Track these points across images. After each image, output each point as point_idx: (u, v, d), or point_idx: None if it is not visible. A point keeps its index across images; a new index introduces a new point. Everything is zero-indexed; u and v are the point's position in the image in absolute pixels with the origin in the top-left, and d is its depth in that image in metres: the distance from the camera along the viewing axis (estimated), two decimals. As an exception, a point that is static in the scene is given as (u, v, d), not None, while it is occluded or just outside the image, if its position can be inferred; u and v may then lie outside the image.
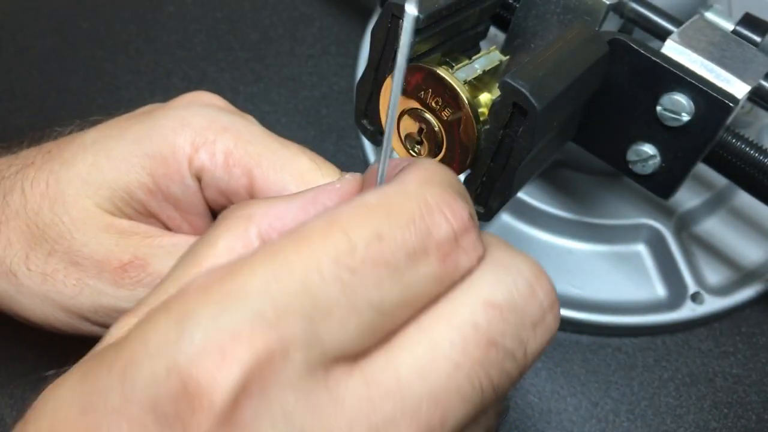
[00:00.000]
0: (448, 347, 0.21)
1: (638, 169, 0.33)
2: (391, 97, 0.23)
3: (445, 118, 0.31)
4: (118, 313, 0.30)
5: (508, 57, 0.33)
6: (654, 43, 0.32)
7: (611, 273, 0.48)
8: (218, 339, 0.19)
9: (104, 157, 0.34)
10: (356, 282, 0.20)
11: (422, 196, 0.22)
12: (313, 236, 0.21)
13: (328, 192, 0.26)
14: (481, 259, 0.23)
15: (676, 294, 0.47)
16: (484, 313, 0.22)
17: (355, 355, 0.21)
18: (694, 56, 0.31)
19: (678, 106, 0.31)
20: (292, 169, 0.33)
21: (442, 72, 0.30)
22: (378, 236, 0.21)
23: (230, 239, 0.24)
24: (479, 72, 0.31)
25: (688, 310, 0.46)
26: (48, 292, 0.33)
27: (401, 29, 0.30)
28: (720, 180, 0.50)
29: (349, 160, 0.53)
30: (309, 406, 0.19)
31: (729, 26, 0.37)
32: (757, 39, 0.36)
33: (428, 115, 0.31)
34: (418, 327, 0.22)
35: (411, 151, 0.33)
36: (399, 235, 0.21)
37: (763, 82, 0.32)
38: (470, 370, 0.21)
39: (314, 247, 0.21)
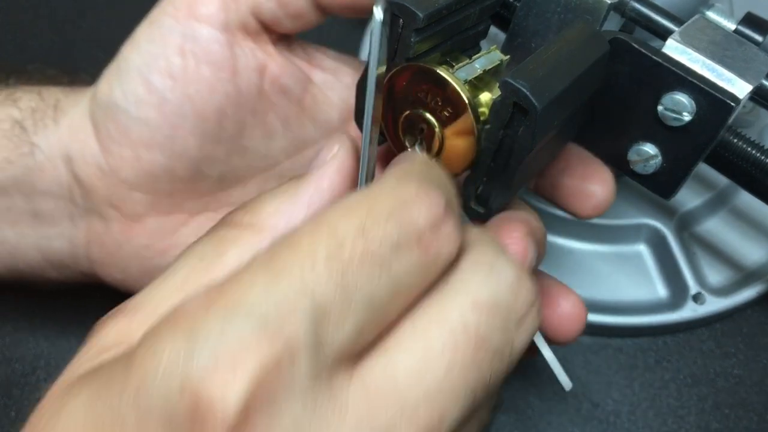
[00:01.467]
0: (440, 349, 0.22)
1: (639, 169, 0.33)
2: (365, 104, 0.24)
3: (445, 117, 0.31)
4: None
5: (508, 56, 0.33)
6: (655, 43, 0.32)
7: (612, 273, 0.48)
8: (226, 353, 0.19)
9: None
10: (348, 278, 0.21)
11: (399, 190, 0.23)
12: (303, 238, 0.22)
13: (326, 176, 0.27)
14: (462, 249, 0.24)
15: (678, 294, 0.47)
16: (473, 314, 0.22)
17: (353, 356, 0.21)
18: (696, 56, 0.31)
19: (679, 106, 0.31)
20: None
21: (442, 72, 0.30)
22: (362, 231, 0.22)
23: (241, 251, 0.25)
24: (479, 71, 0.31)
25: (689, 311, 0.46)
26: None
27: (401, 29, 0.30)
28: (721, 180, 0.50)
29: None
30: (316, 415, 0.19)
31: (731, 25, 0.37)
32: (759, 38, 0.36)
33: (428, 115, 0.31)
34: (411, 328, 0.22)
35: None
36: (381, 228, 0.22)
37: (765, 82, 0.32)
38: (462, 370, 0.22)
39: (305, 248, 0.21)
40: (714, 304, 0.47)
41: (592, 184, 0.33)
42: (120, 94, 0.34)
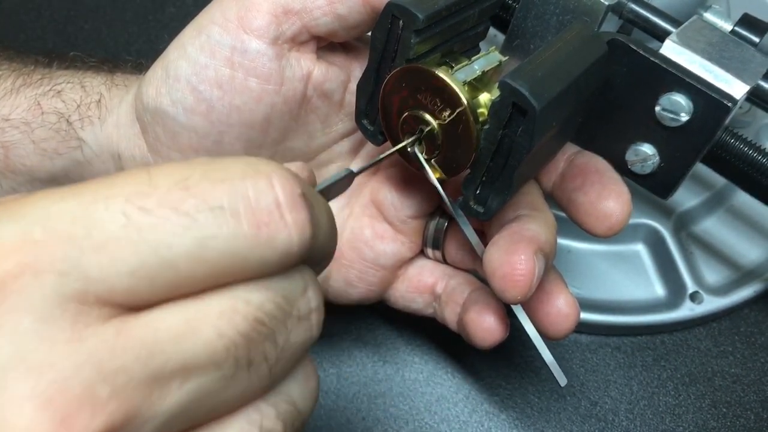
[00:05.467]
0: (216, 316, 0.20)
1: (637, 168, 0.34)
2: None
3: (445, 118, 0.31)
4: None
5: (507, 57, 0.33)
6: (653, 44, 0.32)
7: (610, 272, 0.49)
8: None
9: None
10: (143, 221, 0.19)
11: (254, 162, 0.21)
12: (119, 177, 0.20)
13: None
14: (305, 239, 0.21)
15: (675, 293, 0.48)
16: (260, 294, 0.21)
17: (124, 305, 0.19)
18: (693, 56, 0.32)
19: (677, 107, 0.31)
20: None
21: (441, 73, 0.30)
22: (183, 183, 0.20)
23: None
24: (478, 73, 0.32)
25: (686, 310, 0.47)
26: None
27: (401, 30, 0.31)
28: (719, 180, 0.50)
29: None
30: (43, 334, 0.18)
31: (727, 27, 0.37)
32: (756, 39, 0.36)
33: (428, 116, 0.31)
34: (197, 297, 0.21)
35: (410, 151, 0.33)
36: (207, 187, 0.20)
37: (762, 83, 0.32)
38: (231, 340, 0.20)
39: (113, 185, 0.20)
40: (711, 303, 0.47)
41: (608, 201, 0.33)
42: (168, 101, 0.34)
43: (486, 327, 0.36)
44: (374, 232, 0.39)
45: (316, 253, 0.23)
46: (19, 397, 0.18)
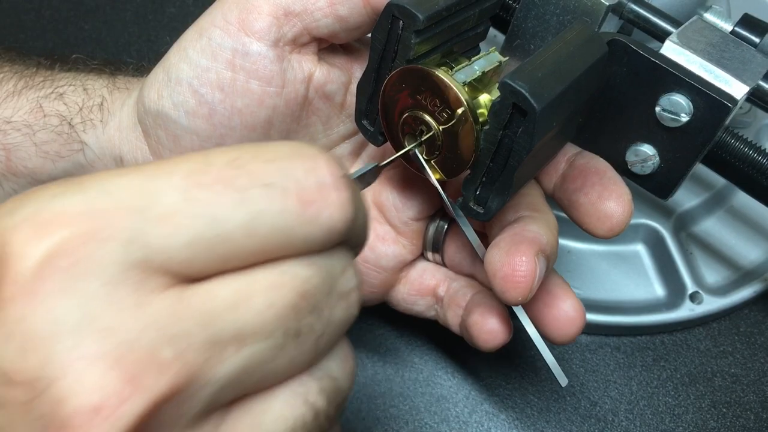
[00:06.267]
0: (266, 288, 0.21)
1: (637, 169, 0.34)
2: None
3: (445, 119, 0.31)
4: None
5: (507, 58, 0.33)
6: (653, 44, 0.32)
7: (610, 273, 0.49)
8: (42, 214, 0.19)
9: None
10: (200, 195, 0.20)
11: (300, 146, 0.22)
12: (178, 158, 0.21)
13: None
14: (348, 219, 0.22)
15: (675, 294, 0.48)
16: (306, 269, 0.22)
17: (182, 275, 0.20)
18: (693, 57, 0.32)
19: (677, 107, 0.31)
20: None
21: (441, 74, 0.30)
22: (236, 162, 0.21)
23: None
24: (478, 73, 0.32)
25: (686, 310, 0.47)
26: None
27: (401, 30, 0.31)
28: (718, 180, 0.50)
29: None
30: (110, 298, 0.19)
31: (728, 27, 0.37)
32: (756, 40, 0.36)
33: (427, 117, 0.31)
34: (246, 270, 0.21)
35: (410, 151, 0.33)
36: (259, 166, 0.21)
37: (762, 83, 0.32)
38: (281, 310, 0.21)
39: (173, 163, 0.21)
40: (711, 304, 0.47)
41: (609, 201, 0.33)
42: (170, 104, 0.34)
43: (489, 329, 0.36)
44: (376, 234, 0.39)
45: (354, 235, 0.24)
46: (90, 356, 0.18)
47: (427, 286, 0.40)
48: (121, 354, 0.19)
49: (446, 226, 0.39)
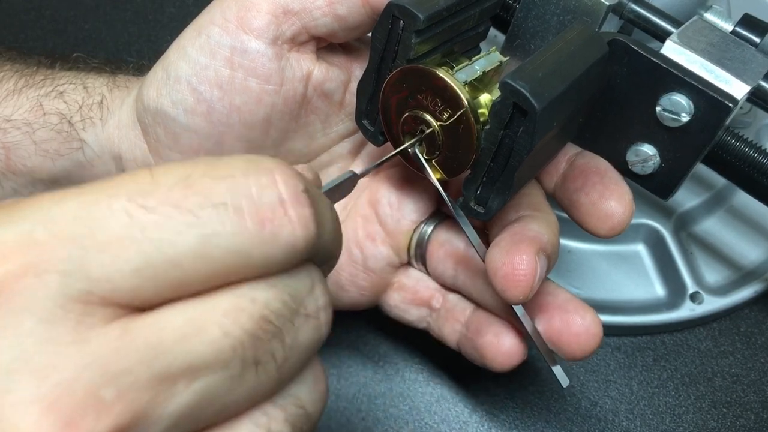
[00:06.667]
0: (221, 315, 0.20)
1: (638, 169, 0.34)
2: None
3: (446, 119, 0.31)
4: None
5: (507, 58, 0.33)
6: (653, 44, 0.32)
7: (610, 272, 0.49)
8: None
9: None
10: (146, 220, 0.19)
11: (256, 159, 0.21)
12: (121, 177, 0.20)
13: None
14: (310, 236, 0.21)
15: (675, 294, 0.48)
16: (265, 292, 0.21)
17: (129, 306, 0.19)
18: (694, 57, 0.32)
19: (677, 107, 0.31)
20: None
21: (442, 73, 0.30)
22: (185, 181, 0.20)
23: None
24: (479, 73, 0.32)
25: (687, 310, 0.47)
26: None
27: (402, 30, 0.31)
28: (719, 180, 0.50)
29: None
30: (46, 335, 0.18)
31: (728, 27, 0.37)
32: (756, 39, 0.36)
33: (428, 116, 0.31)
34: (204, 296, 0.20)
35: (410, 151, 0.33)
36: (210, 184, 0.20)
37: (762, 83, 0.32)
38: (238, 339, 0.20)
39: (115, 185, 0.20)
40: (711, 304, 0.47)
41: (610, 201, 0.33)
42: (168, 102, 0.34)
43: (506, 351, 0.35)
44: (365, 233, 0.38)
45: (321, 251, 0.23)
46: (24, 400, 0.17)
47: (421, 296, 0.39)
48: (57, 396, 0.18)
49: (427, 235, 0.38)
